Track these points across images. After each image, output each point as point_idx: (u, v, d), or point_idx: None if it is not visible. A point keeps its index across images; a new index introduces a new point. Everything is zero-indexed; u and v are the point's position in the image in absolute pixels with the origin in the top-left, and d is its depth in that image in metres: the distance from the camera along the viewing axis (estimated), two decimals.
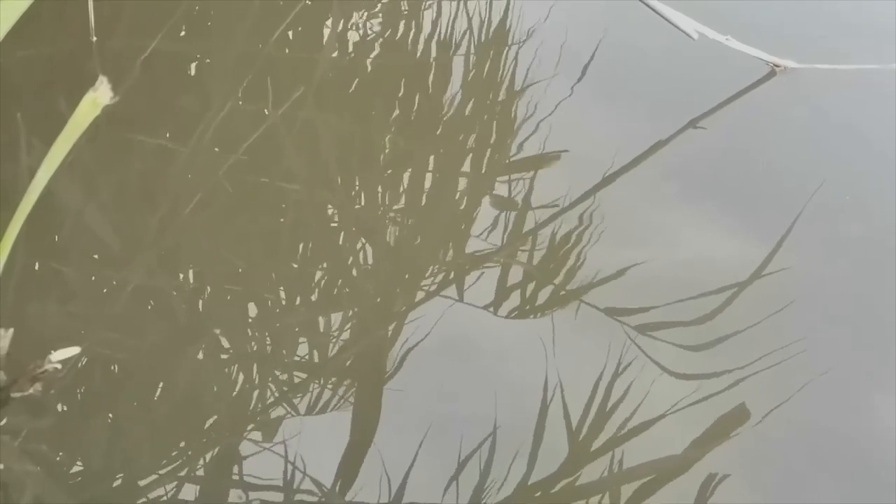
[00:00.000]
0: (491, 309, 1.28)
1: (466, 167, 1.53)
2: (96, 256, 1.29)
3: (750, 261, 1.39)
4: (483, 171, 1.52)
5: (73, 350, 0.99)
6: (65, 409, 1.08)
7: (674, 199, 1.50)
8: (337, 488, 1.06)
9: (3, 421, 0.99)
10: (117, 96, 0.76)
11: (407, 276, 1.34)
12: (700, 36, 1.70)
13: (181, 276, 1.29)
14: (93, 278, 1.25)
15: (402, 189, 1.47)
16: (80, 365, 1.10)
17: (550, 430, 1.14)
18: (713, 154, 1.60)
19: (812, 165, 1.60)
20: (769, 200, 1.52)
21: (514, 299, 1.30)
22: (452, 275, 1.33)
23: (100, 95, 0.76)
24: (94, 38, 1.53)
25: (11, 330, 0.95)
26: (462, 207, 1.46)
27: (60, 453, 1.05)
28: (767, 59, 1.73)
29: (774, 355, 1.24)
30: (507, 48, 1.77)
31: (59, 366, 0.97)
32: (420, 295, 1.29)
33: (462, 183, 1.50)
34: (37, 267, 1.25)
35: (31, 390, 0.97)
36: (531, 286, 1.32)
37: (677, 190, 1.52)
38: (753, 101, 1.71)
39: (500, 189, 1.48)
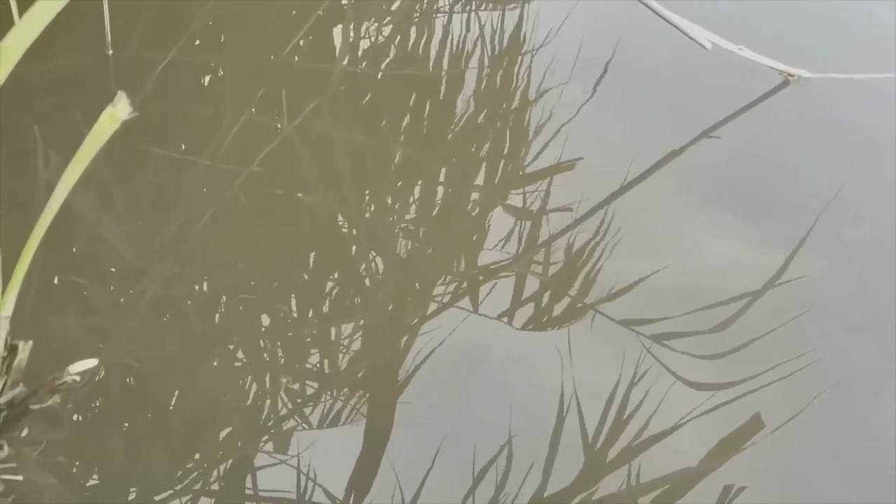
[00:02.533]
0: (505, 319, 1.28)
1: (480, 177, 1.53)
2: (113, 268, 1.30)
3: (765, 269, 1.40)
4: (497, 180, 1.53)
5: (92, 362, 1.00)
6: (82, 420, 1.09)
7: (689, 208, 1.51)
8: (350, 500, 1.06)
9: (24, 432, 1.00)
10: (136, 111, 0.77)
11: (420, 288, 1.34)
12: (713, 46, 1.71)
13: (196, 287, 1.30)
14: (110, 290, 1.26)
15: (414, 199, 1.48)
16: (97, 377, 1.12)
17: (566, 442, 1.14)
18: (728, 163, 1.60)
19: (826, 173, 1.61)
20: (784, 209, 1.53)
21: (529, 310, 1.31)
22: (466, 285, 1.33)
23: (118, 110, 0.78)
24: (111, 51, 1.54)
25: (31, 342, 0.96)
26: (475, 217, 1.47)
27: (77, 465, 1.05)
28: (780, 68, 1.74)
29: (790, 364, 1.24)
30: (520, 57, 1.78)
31: (77, 378, 0.98)
32: (433, 306, 1.29)
33: (475, 193, 1.51)
34: (54, 279, 1.26)
35: (49, 402, 0.98)
36: (546, 297, 1.33)
37: (692, 199, 1.53)
38: (767, 111, 1.72)
39: (514, 198, 1.49)
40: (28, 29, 0.81)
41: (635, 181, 1.54)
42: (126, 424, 1.10)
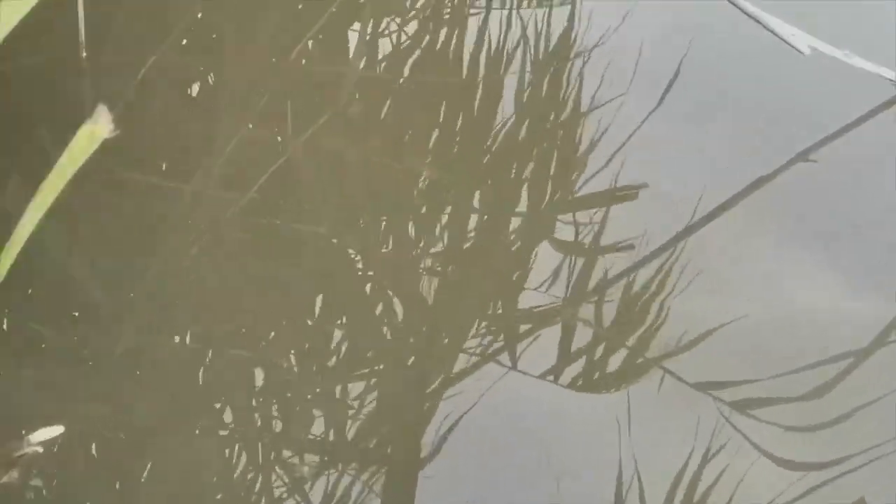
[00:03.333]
0: (551, 378, 1.29)
1: (522, 204, 1.54)
2: (77, 313, 1.32)
3: (872, 323, 1.40)
4: (542, 208, 1.54)
5: (57, 430, 1.01)
6: (35, 497, 1.10)
7: (778, 246, 1.51)
8: None
9: None
10: (118, 129, 0.78)
11: (447, 338, 1.36)
12: (812, 50, 1.72)
13: (176, 337, 1.32)
14: (74, 340, 1.28)
15: (441, 231, 1.49)
16: (55, 446, 1.13)
17: None
18: (827, 192, 1.60)
19: None
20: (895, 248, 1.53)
21: (579, 366, 1.31)
22: (503, 336, 1.34)
23: (99, 128, 0.78)
24: (85, 54, 1.54)
25: None
26: (516, 253, 1.48)
27: None
28: (894, 77, 1.74)
29: None
30: (570, 61, 1.79)
31: (39, 448, 0.99)
32: (463, 360, 1.30)
33: (516, 223, 1.52)
34: (11, 328, 1.28)
35: (5, 478, 0.99)
36: (600, 349, 1.34)
37: (783, 234, 1.53)
38: (876, 130, 1.71)
39: (563, 230, 1.49)
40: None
41: (714, 213, 1.54)
42: (88, 503, 1.11)
